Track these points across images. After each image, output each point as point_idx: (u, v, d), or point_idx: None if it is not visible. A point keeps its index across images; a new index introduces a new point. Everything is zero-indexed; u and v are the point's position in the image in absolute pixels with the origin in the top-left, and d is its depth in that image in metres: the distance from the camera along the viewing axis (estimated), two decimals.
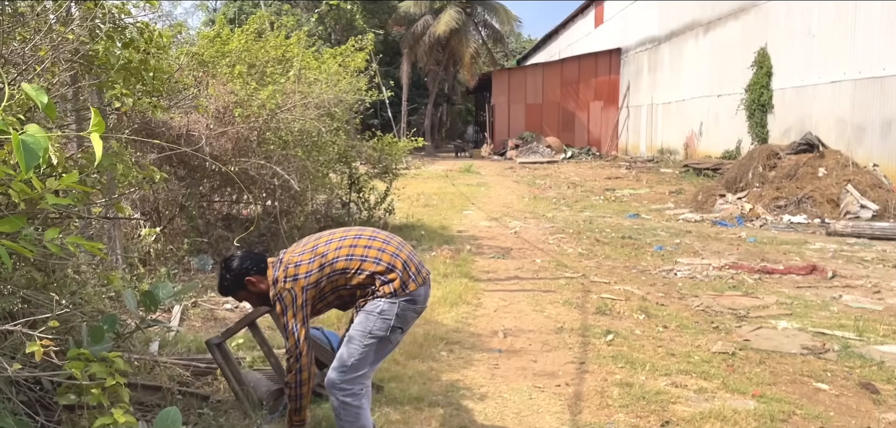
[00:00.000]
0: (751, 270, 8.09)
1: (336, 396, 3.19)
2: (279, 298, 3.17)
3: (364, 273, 3.19)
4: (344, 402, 3.17)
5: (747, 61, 17.76)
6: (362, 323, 3.18)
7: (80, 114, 4.31)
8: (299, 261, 3.22)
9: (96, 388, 2.35)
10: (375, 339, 3.17)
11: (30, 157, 1.34)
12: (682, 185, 16.89)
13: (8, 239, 2.16)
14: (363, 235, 3.30)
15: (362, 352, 3.16)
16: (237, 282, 3.31)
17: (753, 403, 4.23)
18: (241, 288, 3.33)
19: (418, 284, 3.24)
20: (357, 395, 3.19)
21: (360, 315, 3.21)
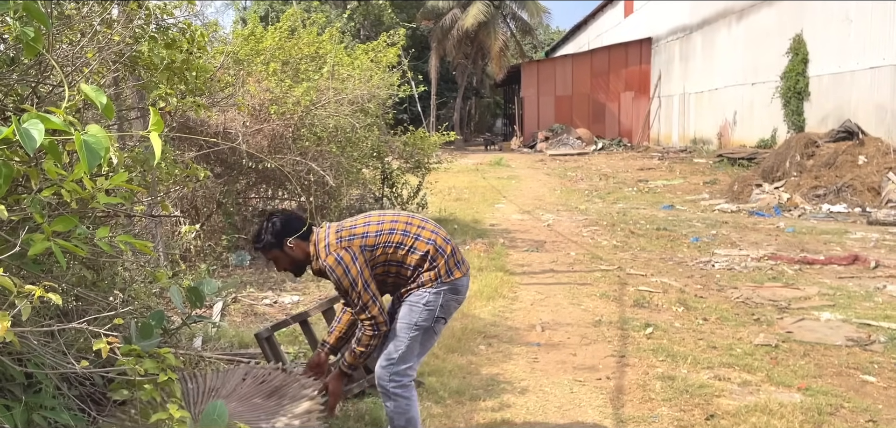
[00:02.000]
0: (791, 261, 7.95)
1: (386, 390, 3.20)
2: (338, 261, 3.08)
3: (417, 253, 3.17)
4: (394, 394, 3.19)
5: (782, 48, 17.43)
6: (407, 315, 3.19)
7: (122, 114, 4.38)
8: (354, 224, 3.22)
9: (149, 383, 2.38)
10: (420, 330, 3.18)
11: (92, 157, 1.37)
12: (716, 175, 16.65)
13: (62, 238, 2.20)
14: (415, 217, 3.31)
15: (408, 344, 3.17)
16: (276, 240, 3.22)
17: (799, 396, 4.16)
18: (278, 248, 3.23)
19: (462, 272, 3.26)
20: (407, 387, 3.20)
21: (403, 308, 3.22)
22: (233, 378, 3.38)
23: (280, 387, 3.29)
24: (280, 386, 3.30)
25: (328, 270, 3.12)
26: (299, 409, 3.09)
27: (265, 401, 3.21)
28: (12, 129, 1.32)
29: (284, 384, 3.31)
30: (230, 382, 3.35)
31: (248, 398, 3.23)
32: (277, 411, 3.09)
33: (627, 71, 28.90)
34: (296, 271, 3.34)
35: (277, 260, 3.28)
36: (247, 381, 3.36)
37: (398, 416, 3.21)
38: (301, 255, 3.24)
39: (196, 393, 3.24)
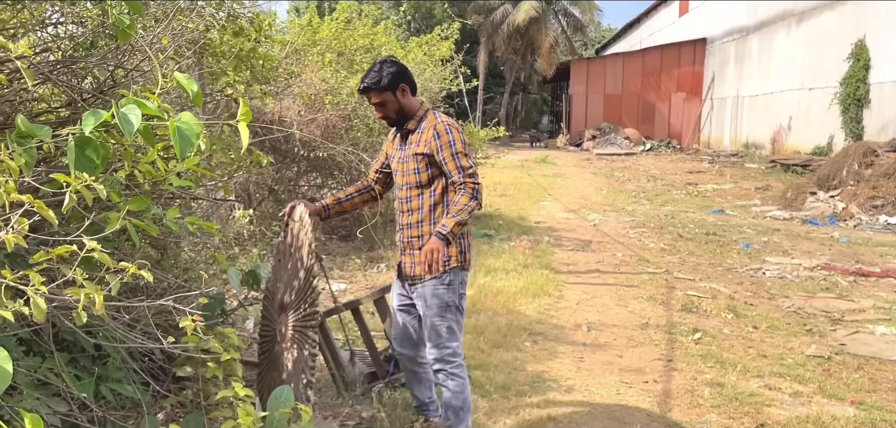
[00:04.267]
0: (845, 272, 7.77)
1: (447, 372, 3.30)
2: (458, 131, 3.22)
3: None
4: (454, 374, 3.30)
5: (843, 53, 16.96)
6: (444, 296, 3.26)
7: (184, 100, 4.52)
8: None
9: (212, 361, 2.48)
10: (460, 309, 3.32)
11: (184, 144, 1.44)
12: (768, 182, 16.31)
13: (134, 217, 2.30)
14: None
15: (450, 323, 3.29)
16: (396, 79, 3.24)
17: (852, 410, 4.09)
18: (393, 89, 3.24)
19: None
20: (462, 366, 3.34)
21: (431, 299, 3.27)
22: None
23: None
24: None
25: (445, 129, 3.20)
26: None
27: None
28: (112, 113, 1.39)
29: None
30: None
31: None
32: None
33: (680, 71, 28.44)
34: (396, 121, 3.35)
35: (386, 104, 3.27)
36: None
37: (456, 396, 3.32)
38: (408, 106, 3.29)
39: None
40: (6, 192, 1.24)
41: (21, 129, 1.37)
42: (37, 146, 1.47)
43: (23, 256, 1.76)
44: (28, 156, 1.35)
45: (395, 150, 3.42)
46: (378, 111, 3.31)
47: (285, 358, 3.27)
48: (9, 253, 2.20)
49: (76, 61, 2.54)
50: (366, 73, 3.29)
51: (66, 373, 2.53)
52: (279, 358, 3.32)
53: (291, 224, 3.42)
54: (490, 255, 8.18)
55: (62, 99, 3.05)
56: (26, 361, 2.42)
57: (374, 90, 3.24)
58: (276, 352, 3.37)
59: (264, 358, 3.50)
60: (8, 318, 1.27)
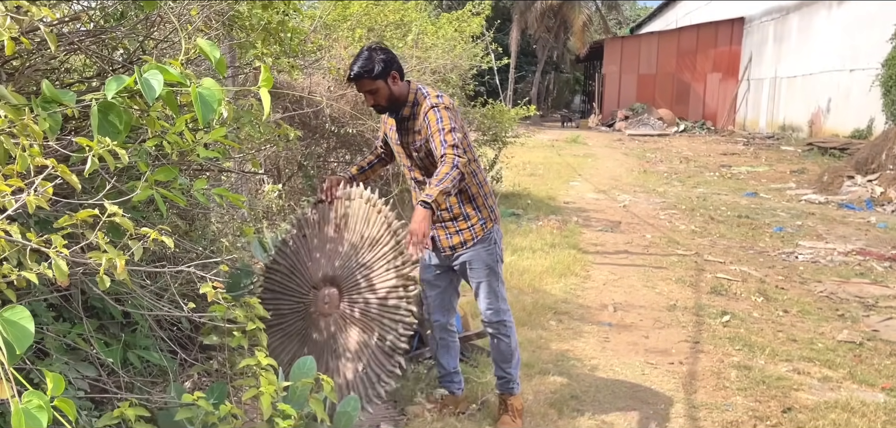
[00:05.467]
0: (881, 258, 7.60)
1: (504, 325, 3.49)
2: (445, 108, 3.18)
3: (481, 185, 3.40)
4: (510, 325, 3.51)
5: (886, 34, 16.46)
6: (486, 257, 3.40)
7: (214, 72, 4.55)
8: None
9: (238, 331, 2.51)
10: (500, 266, 3.47)
11: (206, 110, 1.45)
12: (804, 165, 15.97)
13: (162, 188, 2.33)
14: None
15: (499, 281, 3.47)
16: (388, 67, 3.19)
17: (883, 397, 4.01)
18: (385, 77, 3.20)
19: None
20: (511, 317, 3.55)
21: (477, 263, 3.40)
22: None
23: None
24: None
25: (434, 112, 3.17)
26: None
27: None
28: (134, 79, 1.41)
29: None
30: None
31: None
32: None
33: (716, 51, 27.90)
34: (388, 108, 3.31)
35: (377, 92, 3.23)
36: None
37: (508, 349, 3.52)
38: (399, 92, 3.27)
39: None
40: (31, 155, 1.27)
41: (46, 95, 1.39)
42: (62, 112, 1.50)
43: (50, 222, 1.79)
44: (52, 121, 1.37)
45: (393, 134, 3.42)
46: (369, 99, 3.29)
47: (340, 336, 3.26)
48: (37, 220, 2.25)
49: (105, 32, 2.57)
50: (354, 60, 3.25)
51: (95, 339, 2.59)
52: (312, 334, 3.32)
53: (341, 199, 3.37)
54: (517, 234, 8.15)
55: (93, 70, 3.09)
56: (56, 326, 2.48)
57: (366, 78, 3.20)
58: (297, 328, 3.39)
59: (277, 332, 3.47)
60: (32, 280, 1.30)
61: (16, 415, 1.05)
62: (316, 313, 3.32)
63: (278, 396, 2.42)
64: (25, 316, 1.18)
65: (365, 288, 3.22)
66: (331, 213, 3.37)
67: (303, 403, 2.61)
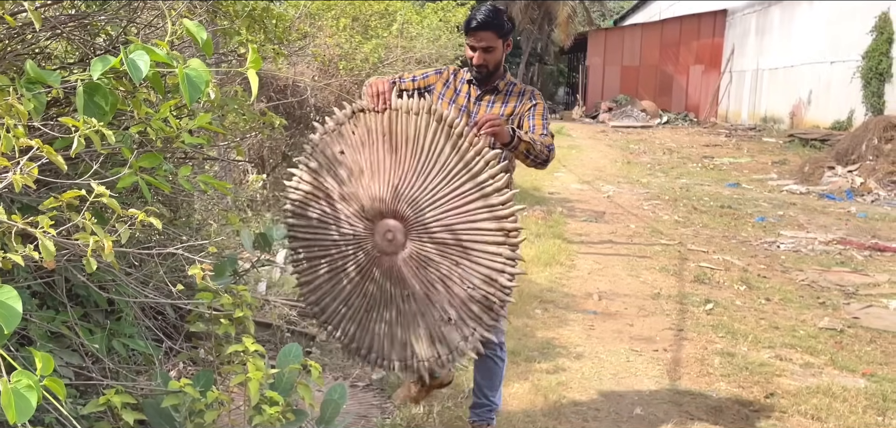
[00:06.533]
0: (860, 247, 7.70)
1: (501, 344, 3.22)
2: (539, 99, 3.05)
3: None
4: (504, 344, 3.26)
5: (866, 26, 16.65)
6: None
7: None
8: None
9: (224, 318, 2.49)
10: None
11: (193, 90, 1.44)
12: (786, 156, 16.13)
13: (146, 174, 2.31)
14: None
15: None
16: (509, 31, 2.97)
17: (864, 382, 4.07)
18: (504, 37, 2.96)
19: None
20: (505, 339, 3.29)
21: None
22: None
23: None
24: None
25: (534, 94, 3.04)
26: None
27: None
28: (120, 59, 1.39)
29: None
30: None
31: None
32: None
33: (699, 43, 28.05)
34: (489, 75, 3.00)
35: (493, 51, 2.95)
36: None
37: (498, 374, 3.25)
38: (500, 61, 3.02)
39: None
40: (15, 136, 1.25)
41: (30, 75, 1.38)
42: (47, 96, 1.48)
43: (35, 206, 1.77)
44: (37, 101, 1.36)
45: (463, 100, 3.06)
46: (480, 56, 2.93)
47: (411, 281, 2.73)
48: (22, 205, 2.23)
49: (88, 16, 2.54)
50: (479, 9, 2.92)
51: (80, 327, 2.56)
52: (368, 275, 2.78)
53: (399, 111, 2.70)
54: None
55: (76, 55, 3.06)
56: (39, 313, 2.46)
57: (492, 32, 2.91)
58: (347, 269, 2.81)
59: (323, 270, 2.86)
60: (18, 262, 1.28)
61: (5, 394, 1.04)
62: (372, 250, 2.76)
63: (266, 382, 2.41)
64: (13, 295, 1.16)
65: (444, 227, 2.68)
66: (376, 125, 2.71)
67: (290, 389, 2.60)
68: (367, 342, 2.90)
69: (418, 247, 2.72)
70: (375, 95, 2.71)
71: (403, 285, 2.75)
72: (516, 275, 2.68)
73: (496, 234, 2.64)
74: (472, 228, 2.66)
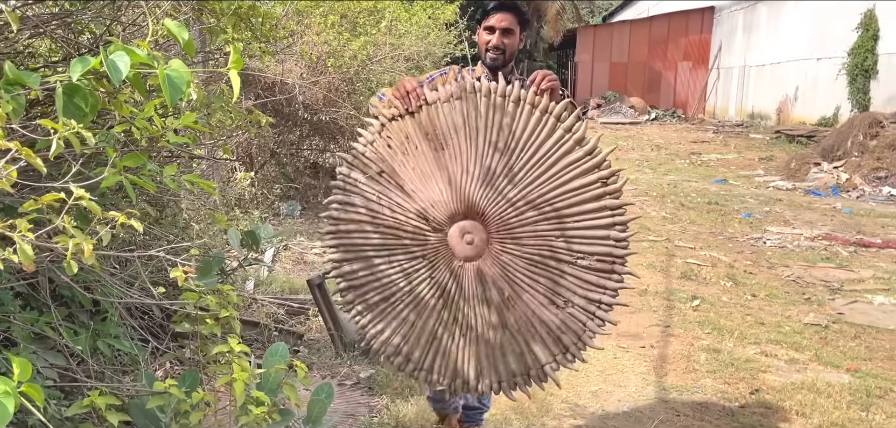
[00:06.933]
0: (846, 242, 7.76)
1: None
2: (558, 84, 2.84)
3: None
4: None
5: (852, 23, 16.77)
6: None
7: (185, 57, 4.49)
8: None
9: (210, 318, 2.48)
10: None
11: (174, 91, 1.43)
12: (773, 152, 16.23)
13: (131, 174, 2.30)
14: None
15: None
16: (528, 22, 2.88)
17: (848, 378, 4.11)
18: (523, 26, 2.84)
19: None
20: None
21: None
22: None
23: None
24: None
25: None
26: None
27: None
28: (100, 60, 1.39)
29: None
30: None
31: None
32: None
33: (687, 40, 28.16)
34: (502, 64, 2.81)
35: (512, 35, 2.80)
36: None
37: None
38: (516, 52, 2.89)
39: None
40: None
41: (9, 76, 1.37)
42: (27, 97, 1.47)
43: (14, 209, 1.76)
44: (16, 103, 1.35)
45: None
46: (499, 38, 2.75)
47: (504, 287, 2.37)
48: (3, 206, 2.21)
49: (71, 14, 2.52)
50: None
51: (64, 328, 2.55)
52: (444, 291, 2.40)
53: (440, 102, 2.39)
54: None
55: (59, 55, 3.03)
56: (23, 315, 2.44)
57: (516, 14, 2.78)
58: (409, 294, 2.43)
59: (388, 295, 2.46)
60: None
61: None
62: (449, 263, 2.39)
63: (252, 382, 2.41)
64: None
65: (537, 217, 2.34)
66: (414, 128, 2.40)
67: (276, 389, 2.60)
68: (466, 372, 2.48)
69: (504, 237, 2.36)
70: (404, 96, 2.43)
71: (493, 291, 2.39)
72: (627, 226, 2.39)
73: (593, 187, 2.33)
74: (562, 192, 2.33)
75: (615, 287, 2.38)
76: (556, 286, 2.36)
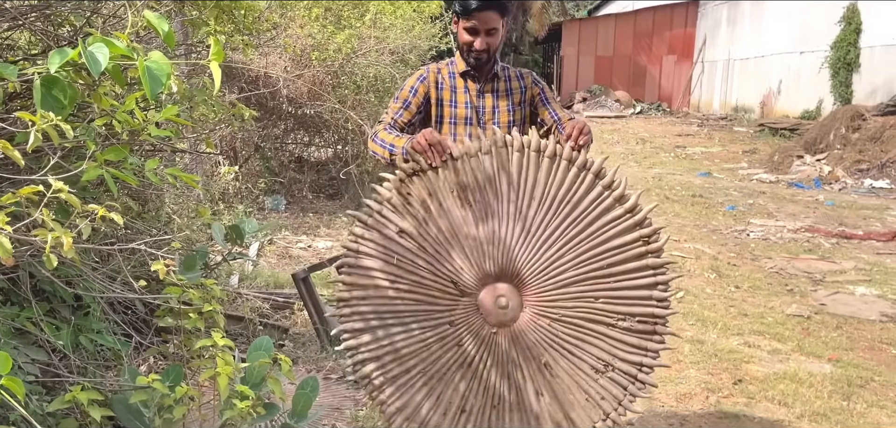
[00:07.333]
0: (828, 234, 7.84)
1: None
2: (541, 81, 2.78)
3: None
4: None
5: (835, 17, 16.91)
6: None
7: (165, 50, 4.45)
8: None
9: (193, 312, 2.47)
10: None
11: (154, 83, 1.42)
12: (756, 145, 16.35)
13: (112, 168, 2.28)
14: None
15: None
16: (508, 10, 2.60)
17: (829, 367, 4.15)
18: (505, 17, 2.58)
19: None
20: None
21: None
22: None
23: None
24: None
25: (531, 75, 2.77)
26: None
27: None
28: (78, 52, 1.37)
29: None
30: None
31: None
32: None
33: (671, 34, 28.27)
34: (485, 62, 2.62)
35: (495, 34, 2.58)
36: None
37: None
38: (500, 45, 2.68)
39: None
40: None
41: None
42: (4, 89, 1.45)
43: None
44: None
45: (463, 96, 2.66)
46: (483, 40, 2.55)
47: (539, 352, 2.25)
48: None
49: (50, 6, 2.49)
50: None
51: (46, 323, 2.52)
52: (475, 361, 2.26)
53: (464, 158, 2.23)
54: None
55: (39, 47, 3.00)
56: (3, 309, 2.42)
57: (499, 10, 2.55)
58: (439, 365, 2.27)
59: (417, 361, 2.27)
60: None
61: None
62: (481, 331, 2.25)
63: (236, 376, 2.40)
64: None
65: (575, 278, 2.23)
66: (438, 184, 2.23)
67: (260, 383, 2.59)
68: None
69: (540, 300, 2.24)
70: (427, 149, 2.22)
71: (529, 358, 2.26)
72: (668, 285, 2.29)
73: (634, 246, 2.25)
74: (602, 252, 2.23)
75: (657, 348, 2.29)
76: (596, 350, 2.25)
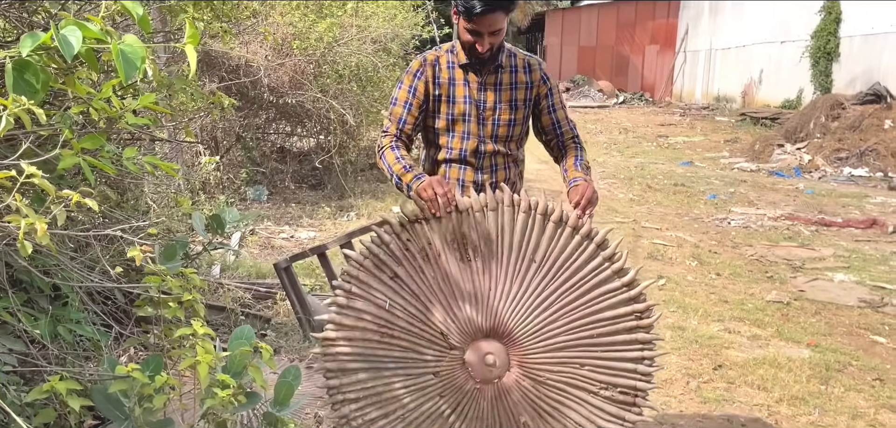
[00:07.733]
0: (807, 222, 7.92)
1: None
2: (551, 77, 2.66)
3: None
4: None
5: (815, 6, 17.05)
6: None
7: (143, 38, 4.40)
8: None
9: (173, 302, 2.45)
10: None
11: (128, 67, 1.40)
12: (738, 134, 16.48)
13: (89, 156, 2.25)
14: None
15: None
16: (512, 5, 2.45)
17: (808, 353, 4.20)
18: (511, 9, 2.46)
19: None
20: None
21: None
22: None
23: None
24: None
25: (541, 67, 2.65)
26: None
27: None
28: (50, 35, 1.35)
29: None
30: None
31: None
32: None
33: (654, 24, 28.39)
34: (495, 54, 2.53)
35: (500, 33, 2.47)
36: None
37: None
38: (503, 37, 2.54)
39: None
40: None
41: None
42: None
43: None
44: None
45: (463, 90, 2.57)
46: (487, 41, 2.45)
47: (526, 406, 2.29)
48: None
49: None
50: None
51: (23, 313, 2.50)
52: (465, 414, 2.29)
53: (469, 212, 2.24)
54: None
55: (13, 35, 2.95)
56: None
57: (502, 12, 2.43)
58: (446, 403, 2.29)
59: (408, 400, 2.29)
60: None
61: None
62: (460, 381, 2.28)
63: (217, 365, 2.38)
64: None
65: (565, 344, 2.25)
66: (440, 234, 2.24)
67: (241, 372, 2.58)
68: None
69: (528, 361, 2.27)
70: (433, 198, 2.21)
71: (510, 417, 2.30)
72: (654, 361, 2.27)
73: (626, 319, 2.24)
74: (594, 321, 2.24)
75: (634, 420, 2.28)
76: (575, 415, 2.28)
